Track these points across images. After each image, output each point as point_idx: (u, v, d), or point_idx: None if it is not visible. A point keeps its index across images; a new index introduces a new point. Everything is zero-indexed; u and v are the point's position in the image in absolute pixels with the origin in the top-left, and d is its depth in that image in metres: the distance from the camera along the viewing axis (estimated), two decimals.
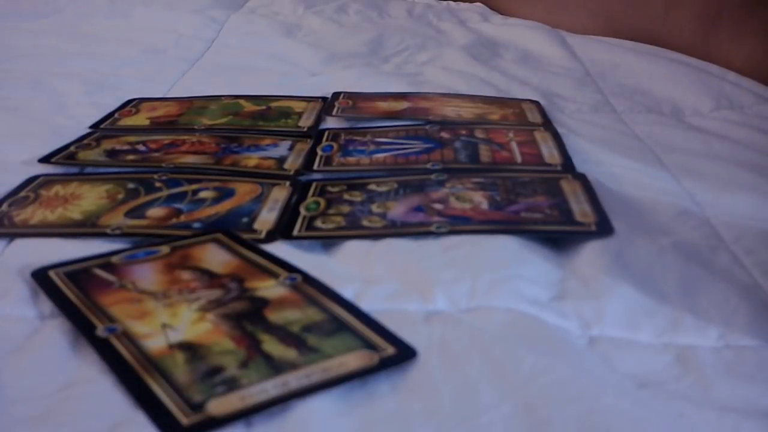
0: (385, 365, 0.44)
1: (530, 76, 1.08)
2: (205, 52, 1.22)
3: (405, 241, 0.61)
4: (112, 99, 0.97)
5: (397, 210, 0.65)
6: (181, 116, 0.91)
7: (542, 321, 0.52)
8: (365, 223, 0.64)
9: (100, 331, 0.48)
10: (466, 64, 1.13)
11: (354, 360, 0.44)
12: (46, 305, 0.53)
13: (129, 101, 0.96)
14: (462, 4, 1.55)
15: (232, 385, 0.42)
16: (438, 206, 0.66)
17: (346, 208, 0.66)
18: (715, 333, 0.51)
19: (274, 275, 0.54)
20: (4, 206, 0.67)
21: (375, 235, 0.61)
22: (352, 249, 0.60)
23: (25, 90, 1.00)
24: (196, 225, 0.64)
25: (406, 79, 1.06)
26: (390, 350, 0.45)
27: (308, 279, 0.53)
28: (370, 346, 0.45)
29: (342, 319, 0.48)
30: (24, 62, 1.12)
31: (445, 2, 1.57)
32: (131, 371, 0.44)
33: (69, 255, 0.58)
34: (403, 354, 0.44)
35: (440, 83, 1.04)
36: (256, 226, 0.64)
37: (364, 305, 0.51)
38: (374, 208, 0.66)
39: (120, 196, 0.69)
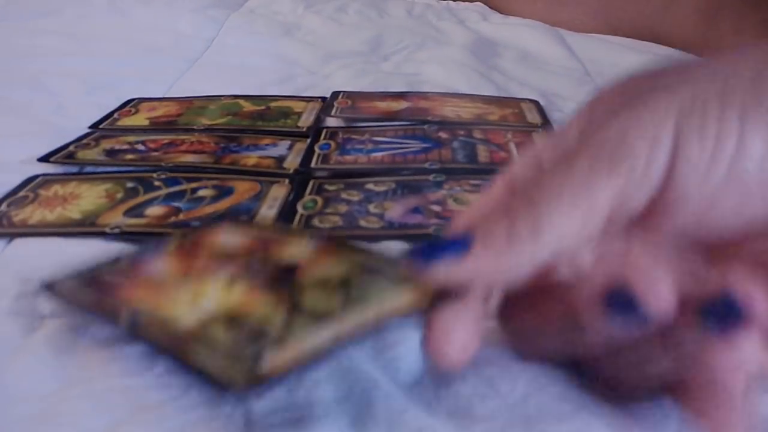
0: (434, 303, 0.43)
1: (529, 76, 1.08)
2: (205, 52, 1.22)
3: (403, 243, 0.61)
4: (111, 99, 0.97)
5: (395, 211, 0.65)
6: (181, 116, 0.91)
7: None
8: (363, 223, 0.64)
9: (123, 321, 0.46)
10: (466, 63, 1.13)
11: (400, 300, 0.42)
12: (46, 305, 0.53)
13: (128, 101, 0.96)
14: (461, 4, 1.55)
15: (277, 342, 0.40)
16: (436, 208, 0.66)
17: (343, 208, 0.66)
18: None
19: (297, 238, 0.52)
20: (3, 206, 0.67)
21: (372, 237, 0.62)
22: None
23: (25, 90, 1.00)
24: (195, 224, 0.64)
25: (406, 78, 1.06)
26: (431, 287, 0.43)
27: (332, 237, 0.52)
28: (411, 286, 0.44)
29: (377, 268, 0.47)
30: (23, 62, 1.12)
31: (444, 2, 1.57)
32: (168, 351, 0.42)
33: (68, 255, 0.58)
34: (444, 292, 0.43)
35: (439, 83, 1.04)
36: None
37: None
38: (372, 208, 0.66)
39: (119, 195, 0.69)
